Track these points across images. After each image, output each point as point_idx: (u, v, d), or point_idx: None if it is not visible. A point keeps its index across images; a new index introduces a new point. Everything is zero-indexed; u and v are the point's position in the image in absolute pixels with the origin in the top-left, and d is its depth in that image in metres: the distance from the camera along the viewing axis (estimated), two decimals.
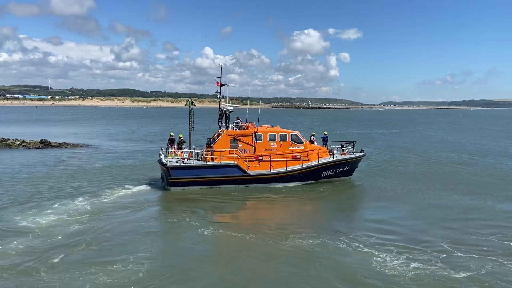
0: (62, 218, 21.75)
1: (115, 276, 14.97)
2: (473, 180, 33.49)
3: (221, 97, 31.52)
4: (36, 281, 14.62)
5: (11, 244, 17.88)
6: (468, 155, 49.23)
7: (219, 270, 16.01)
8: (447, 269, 15.84)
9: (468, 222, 22.03)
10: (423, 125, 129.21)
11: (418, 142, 68.03)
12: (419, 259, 16.79)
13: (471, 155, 49.24)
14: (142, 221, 21.72)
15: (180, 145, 30.51)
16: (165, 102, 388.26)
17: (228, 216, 23.67)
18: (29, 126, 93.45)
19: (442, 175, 35.65)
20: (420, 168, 39.24)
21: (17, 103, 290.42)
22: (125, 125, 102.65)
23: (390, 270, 15.74)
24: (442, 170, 38.20)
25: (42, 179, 31.75)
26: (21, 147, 50.55)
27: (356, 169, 33.53)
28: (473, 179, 33.92)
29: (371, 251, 17.58)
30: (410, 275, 15.30)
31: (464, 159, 46.00)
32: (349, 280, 15.00)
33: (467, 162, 43.22)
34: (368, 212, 24.96)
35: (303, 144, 30.80)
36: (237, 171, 28.94)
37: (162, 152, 30.29)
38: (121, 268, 15.71)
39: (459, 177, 34.53)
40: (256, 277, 15.36)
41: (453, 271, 15.69)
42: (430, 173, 36.47)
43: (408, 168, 38.86)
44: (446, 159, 45.72)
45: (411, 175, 35.40)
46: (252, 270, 15.92)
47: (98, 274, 15.14)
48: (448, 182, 32.55)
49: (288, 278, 15.08)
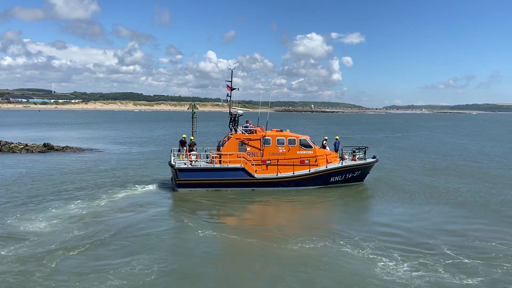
0: (65, 220, 21.50)
1: (119, 277, 14.62)
2: (486, 185, 32.72)
3: (232, 101, 31.62)
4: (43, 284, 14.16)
5: (10, 247, 17.54)
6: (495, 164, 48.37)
7: (223, 272, 15.73)
8: (454, 276, 15.37)
9: (471, 226, 21.68)
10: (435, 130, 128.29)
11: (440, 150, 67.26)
12: (424, 265, 16.31)
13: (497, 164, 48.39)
14: (147, 222, 21.75)
15: (191, 147, 30.78)
16: (168, 106, 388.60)
17: (232, 219, 23.60)
18: (32, 130, 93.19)
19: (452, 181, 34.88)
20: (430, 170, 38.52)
21: (20, 106, 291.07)
22: (129, 129, 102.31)
23: (394, 276, 15.26)
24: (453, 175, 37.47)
25: (45, 182, 31.31)
26: (24, 150, 50.07)
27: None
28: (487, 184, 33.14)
29: (375, 256, 17.21)
30: (417, 282, 14.79)
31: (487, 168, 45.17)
32: (351, 285, 14.62)
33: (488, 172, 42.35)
34: (372, 216, 24.70)
35: (312, 149, 30.35)
36: (243, 175, 28.86)
37: (172, 154, 30.49)
38: (126, 269, 15.43)
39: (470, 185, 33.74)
40: (258, 280, 15.06)
41: (460, 278, 15.20)
42: (439, 175, 35.78)
43: (414, 172, 38.16)
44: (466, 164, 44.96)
45: (417, 179, 34.68)
46: (254, 273, 15.73)
47: (103, 277, 14.80)
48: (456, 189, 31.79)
49: (289, 282, 14.74)
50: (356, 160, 31.90)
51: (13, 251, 17.25)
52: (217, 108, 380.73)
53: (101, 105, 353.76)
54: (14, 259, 16.45)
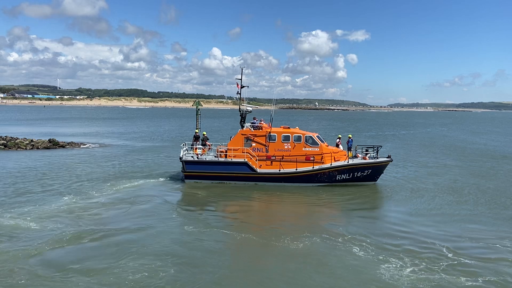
0: (69, 212, 21.43)
1: (119, 272, 14.41)
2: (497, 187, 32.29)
3: (241, 98, 32.43)
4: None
5: (15, 243, 17.32)
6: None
7: (225, 269, 15.61)
8: (458, 277, 15.06)
9: (480, 226, 21.16)
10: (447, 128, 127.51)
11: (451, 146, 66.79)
12: (430, 269, 15.77)
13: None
14: (150, 216, 22.04)
15: (204, 142, 31.91)
16: (172, 103, 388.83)
17: (236, 215, 23.73)
18: (37, 125, 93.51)
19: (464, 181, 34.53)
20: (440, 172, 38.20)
21: (25, 102, 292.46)
22: (135, 125, 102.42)
23: (400, 279, 14.87)
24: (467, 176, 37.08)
25: (50, 177, 31.28)
26: (30, 146, 50.18)
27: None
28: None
29: (379, 257, 16.82)
30: (422, 285, 14.45)
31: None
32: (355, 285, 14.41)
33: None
34: (378, 215, 24.45)
35: (318, 146, 30.22)
36: (246, 169, 29.73)
37: (182, 147, 31.70)
38: (127, 263, 15.17)
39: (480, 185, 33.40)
40: (262, 277, 14.98)
41: (463, 279, 14.88)
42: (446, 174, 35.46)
43: (424, 173, 37.85)
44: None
45: (425, 179, 34.37)
46: (258, 270, 15.64)
47: (102, 272, 14.61)
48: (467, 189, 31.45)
49: (290, 281, 14.60)
50: (366, 158, 31.36)
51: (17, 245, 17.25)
52: (221, 105, 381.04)
53: (106, 101, 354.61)
54: (24, 254, 16.47)
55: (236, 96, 32.90)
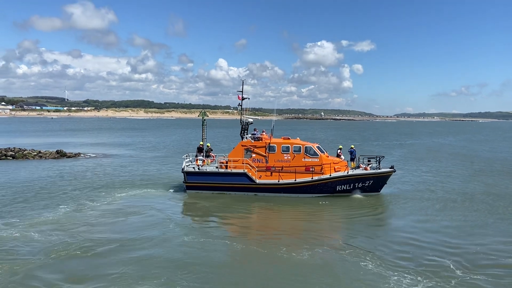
0: (69, 223, 21.93)
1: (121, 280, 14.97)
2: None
3: (243, 109, 33.04)
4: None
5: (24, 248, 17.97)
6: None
7: (226, 278, 15.80)
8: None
9: (490, 238, 21.02)
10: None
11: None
12: (436, 282, 15.52)
13: None
14: (152, 226, 22.29)
15: (207, 153, 32.36)
16: (179, 113, 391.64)
17: (236, 225, 24.01)
18: (45, 136, 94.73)
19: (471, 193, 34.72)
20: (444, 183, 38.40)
21: (34, 114, 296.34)
22: (141, 136, 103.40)
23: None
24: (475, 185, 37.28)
25: (53, 187, 32.10)
26: (37, 157, 51.16)
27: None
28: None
29: (387, 270, 16.55)
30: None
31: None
32: None
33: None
34: (383, 226, 24.27)
35: (318, 157, 30.36)
36: (245, 180, 30.07)
37: (185, 159, 32.24)
38: (128, 272, 15.57)
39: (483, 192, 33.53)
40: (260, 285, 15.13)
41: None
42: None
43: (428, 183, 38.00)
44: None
45: (429, 189, 34.45)
46: (263, 279, 15.66)
47: (104, 279, 15.05)
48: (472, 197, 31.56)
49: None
50: (368, 169, 31.16)
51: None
52: (227, 115, 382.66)
53: (113, 112, 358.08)
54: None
55: (241, 108, 33.26)
